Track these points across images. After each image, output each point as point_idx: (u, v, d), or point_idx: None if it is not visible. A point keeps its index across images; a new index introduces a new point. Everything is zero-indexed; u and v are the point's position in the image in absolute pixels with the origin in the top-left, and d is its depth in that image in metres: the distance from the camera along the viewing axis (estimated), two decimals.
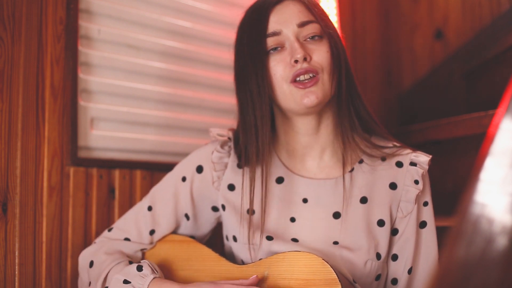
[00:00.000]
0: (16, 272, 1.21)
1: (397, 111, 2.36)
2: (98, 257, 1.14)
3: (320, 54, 1.08)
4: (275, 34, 1.09)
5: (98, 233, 1.34)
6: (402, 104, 2.35)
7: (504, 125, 0.50)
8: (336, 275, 0.95)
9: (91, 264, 1.15)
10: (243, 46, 1.14)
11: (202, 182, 1.22)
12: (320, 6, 1.15)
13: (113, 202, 1.41)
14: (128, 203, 1.42)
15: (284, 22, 1.09)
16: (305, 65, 1.06)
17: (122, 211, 1.37)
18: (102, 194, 1.39)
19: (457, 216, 0.50)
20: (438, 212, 1.18)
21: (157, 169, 1.48)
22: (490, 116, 1.42)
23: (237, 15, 1.77)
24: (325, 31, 1.11)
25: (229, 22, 1.75)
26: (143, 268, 1.05)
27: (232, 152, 1.21)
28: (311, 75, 1.07)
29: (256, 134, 1.11)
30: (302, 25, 1.09)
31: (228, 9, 1.74)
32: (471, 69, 1.99)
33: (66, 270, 1.31)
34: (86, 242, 1.34)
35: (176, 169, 1.26)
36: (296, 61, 1.06)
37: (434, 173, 1.18)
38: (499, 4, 2.00)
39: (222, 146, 1.21)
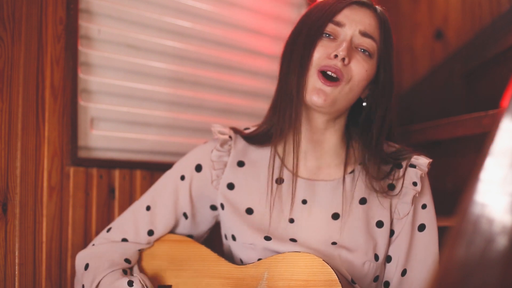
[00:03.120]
0: (16, 272, 1.21)
1: (397, 111, 2.36)
2: (94, 261, 1.14)
3: (358, 67, 1.09)
4: (338, 24, 1.11)
5: (98, 233, 1.34)
6: (402, 104, 2.35)
7: (504, 125, 0.50)
8: (336, 276, 0.95)
9: (87, 266, 1.14)
10: (308, 20, 1.15)
11: (201, 181, 1.22)
12: (390, 35, 1.17)
13: (113, 202, 1.41)
14: (128, 203, 1.42)
15: (352, 21, 1.11)
16: (339, 64, 1.07)
17: (122, 211, 1.37)
18: (102, 194, 1.38)
19: (457, 216, 0.50)
20: (438, 212, 1.18)
21: (157, 169, 1.48)
22: (490, 116, 1.42)
23: (237, 15, 1.77)
24: (380, 56, 1.13)
25: (229, 22, 1.75)
26: (133, 284, 1.06)
27: (233, 151, 1.21)
28: (336, 76, 1.08)
29: (291, 102, 1.11)
30: (364, 34, 1.11)
31: (228, 9, 1.74)
32: (471, 69, 1.99)
33: (66, 270, 1.30)
34: (86, 242, 1.34)
35: (174, 167, 1.25)
36: (335, 56, 1.07)
37: (434, 173, 1.18)
38: (499, 4, 2.00)
39: (222, 145, 1.21)
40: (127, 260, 1.17)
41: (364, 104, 1.18)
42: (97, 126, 1.42)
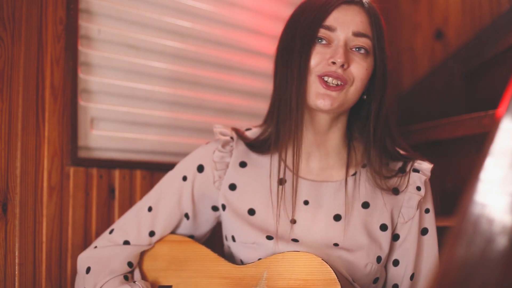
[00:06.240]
0: (16, 272, 1.21)
1: (397, 111, 2.36)
2: (96, 265, 1.14)
3: (358, 68, 1.09)
4: (329, 29, 1.09)
5: (98, 233, 1.34)
6: (402, 104, 2.35)
7: (504, 125, 0.50)
8: (335, 275, 0.95)
9: (88, 270, 1.15)
10: (298, 24, 1.13)
11: (203, 181, 1.22)
12: (382, 28, 1.15)
13: (113, 202, 1.41)
14: (128, 203, 1.42)
15: (343, 23, 1.09)
16: (339, 70, 1.07)
17: (122, 211, 1.37)
18: (102, 194, 1.38)
19: (457, 216, 0.50)
20: (438, 212, 1.18)
21: (157, 169, 1.48)
22: (490, 116, 1.42)
23: (237, 15, 1.77)
24: (375, 51, 1.12)
25: (229, 22, 1.75)
26: None
27: (235, 151, 1.21)
28: (339, 82, 1.07)
29: (291, 112, 1.10)
30: (357, 35, 1.10)
31: (228, 9, 1.74)
32: (471, 69, 1.99)
33: (66, 270, 1.30)
34: (86, 242, 1.34)
35: (177, 168, 1.25)
36: (333, 63, 1.07)
37: (434, 173, 1.18)
38: (499, 4, 2.00)
39: (224, 145, 1.21)
40: (129, 264, 1.17)
41: (365, 97, 1.17)
42: (97, 126, 1.41)
